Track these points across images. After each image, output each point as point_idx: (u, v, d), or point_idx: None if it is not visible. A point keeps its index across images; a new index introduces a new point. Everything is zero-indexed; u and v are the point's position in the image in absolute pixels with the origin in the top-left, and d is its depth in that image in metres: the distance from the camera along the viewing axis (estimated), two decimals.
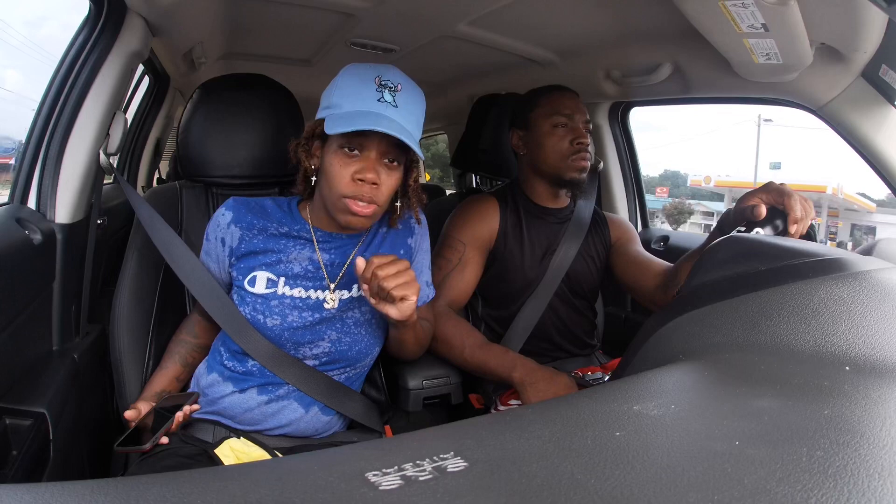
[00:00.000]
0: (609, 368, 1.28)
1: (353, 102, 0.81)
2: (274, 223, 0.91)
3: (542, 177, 1.26)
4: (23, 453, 0.79)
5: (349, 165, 0.82)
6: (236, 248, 0.90)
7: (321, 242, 0.92)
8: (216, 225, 0.92)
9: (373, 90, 0.81)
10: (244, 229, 0.90)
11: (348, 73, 0.85)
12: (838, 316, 0.48)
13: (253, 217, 0.91)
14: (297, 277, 0.89)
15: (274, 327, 0.88)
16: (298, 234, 0.92)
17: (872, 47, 1.03)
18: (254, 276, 0.89)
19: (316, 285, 0.90)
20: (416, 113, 0.85)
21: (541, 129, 1.22)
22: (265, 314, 0.88)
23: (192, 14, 1.34)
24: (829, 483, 0.29)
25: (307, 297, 0.89)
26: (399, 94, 0.82)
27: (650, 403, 0.40)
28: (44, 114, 1.01)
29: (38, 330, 0.95)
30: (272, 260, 0.90)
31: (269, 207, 0.93)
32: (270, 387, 0.89)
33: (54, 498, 0.27)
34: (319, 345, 0.90)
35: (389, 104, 0.81)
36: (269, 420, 0.90)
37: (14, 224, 0.89)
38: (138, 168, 2.43)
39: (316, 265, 0.91)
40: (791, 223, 0.81)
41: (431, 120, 3.11)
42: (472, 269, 1.23)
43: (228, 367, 0.90)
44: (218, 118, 1.08)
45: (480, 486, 0.30)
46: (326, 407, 0.92)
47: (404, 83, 0.84)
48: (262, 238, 0.90)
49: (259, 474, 0.33)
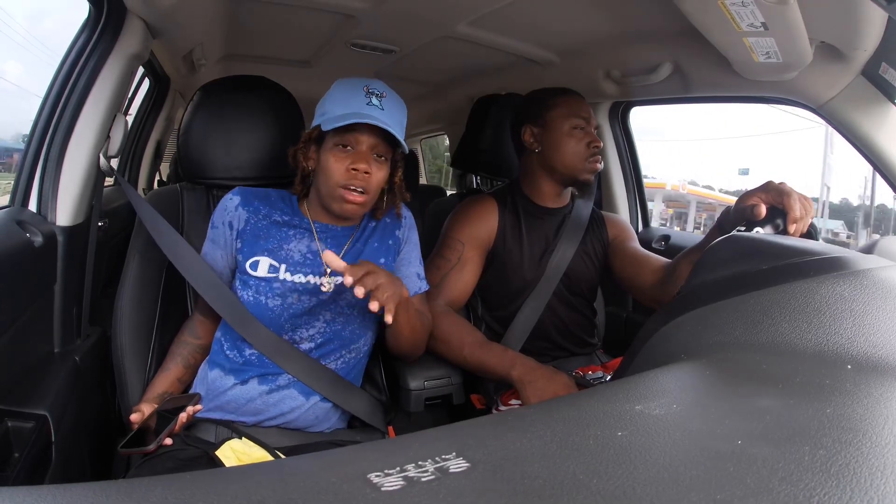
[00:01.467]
0: (610, 368, 1.28)
1: (344, 107, 0.92)
2: (277, 211, 1.00)
3: (553, 175, 1.26)
4: (24, 455, 0.79)
5: (344, 160, 0.92)
6: (242, 230, 0.98)
7: (319, 233, 1.00)
8: (223, 209, 0.99)
9: (362, 96, 0.92)
10: (251, 213, 0.98)
11: (339, 85, 0.96)
12: (840, 314, 0.48)
13: (259, 203, 0.99)
14: (298, 265, 0.97)
15: (275, 307, 0.95)
16: (299, 225, 1.00)
17: (872, 45, 1.03)
18: (256, 261, 0.96)
19: (315, 271, 0.97)
20: (399, 117, 0.96)
21: (560, 129, 1.23)
22: (267, 295, 0.95)
23: (192, 16, 1.34)
24: (832, 482, 0.29)
25: (307, 283, 0.96)
26: (385, 100, 0.94)
27: (652, 403, 0.40)
28: (44, 116, 1.01)
29: (40, 332, 0.96)
30: (274, 246, 0.97)
31: (273, 196, 1.02)
32: (270, 376, 0.93)
33: (56, 500, 0.27)
34: (315, 325, 0.97)
35: (377, 107, 0.92)
36: (270, 409, 0.93)
37: (15, 227, 0.89)
38: (139, 170, 2.43)
39: (315, 253, 0.98)
40: (791, 222, 0.81)
41: (431, 120, 3.13)
42: (471, 268, 1.23)
43: (230, 356, 0.94)
44: (218, 120, 1.08)
45: (483, 486, 0.30)
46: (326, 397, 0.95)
47: (389, 93, 0.95)
48: (266, 224, 0.98)
49: (261, 475, 0.33)
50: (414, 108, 2.90)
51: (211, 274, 0.97)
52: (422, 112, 2.81)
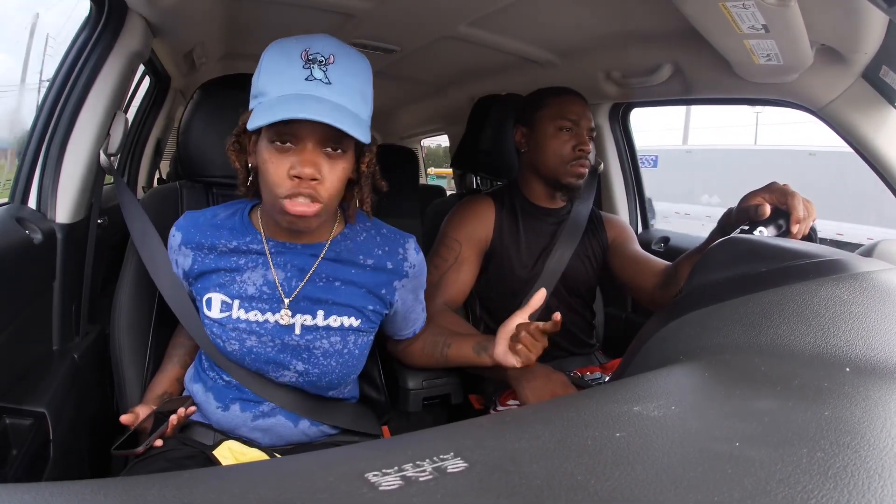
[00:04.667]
0: (609, 369, 1.28)
1: (279, 86, 0.70)
2: (223, 239, 0.83)
3: (539, 177, 1.26)
4: (23, 453, 0.79)
5: (283, 161, 0.71)
6: (189, 269, 0.84)
7: (275, 255, 0.83)
8: (169, 247, 0.87)
9: (299, 68, 0.70)
10: (194, 250, 0.84)
11: (272, 51, 0.73)
12: (839, 317, 0.48)
13: (201, 236, 0.84)
14: (252, 300, 0.81)
15: (234, 352, 0.82)
16: (249, 247, 0.83)
17: (873, 48, 1.03)
18: (209, 299, 0.83)
19: (273, 307, 0.81)
20: (357, 86, 0.73)
21: (545, 130, 1.22)
22: (223, 339, 0.82)
23: (193, 15, 1.34)
24: (830, 484, 0.29)
25: (265, 322, 0.81)
26: (332, 68, 0.70)
27: (650, 404, 0.40)
28: (44, 114, 1.01)
29: (39, 330, 0.95)
30: (225, 280, 0.82)
31: (221, 220, 0.85)
32: (252, 403, 0.85)
33: (54, 497, 0.27)
34: (285, 374, 0.84)
35: (321, 82, 0.70)
36: (261, 438, 0.87)
37: (14, 224, 0.89)
38: (139, 168, 2.43)
39: (272, 286, 0.82)
40: (794, 223, 0.82)
41: (431, 120, 3.13)
42: (469, 268, 1.23)
43: (210, 376, 0.88)
44: (218, 119, 1.08)
45: (480, 486, 0.30)
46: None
47: (338, 52, 0.71)
48: (214, 256, 0.83)
49: (259, 474, 0.33)
50: (414, 108, 2.90)
51: (185, 299, 0.87)
52: (422, 112, 2.81)
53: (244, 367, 0.84)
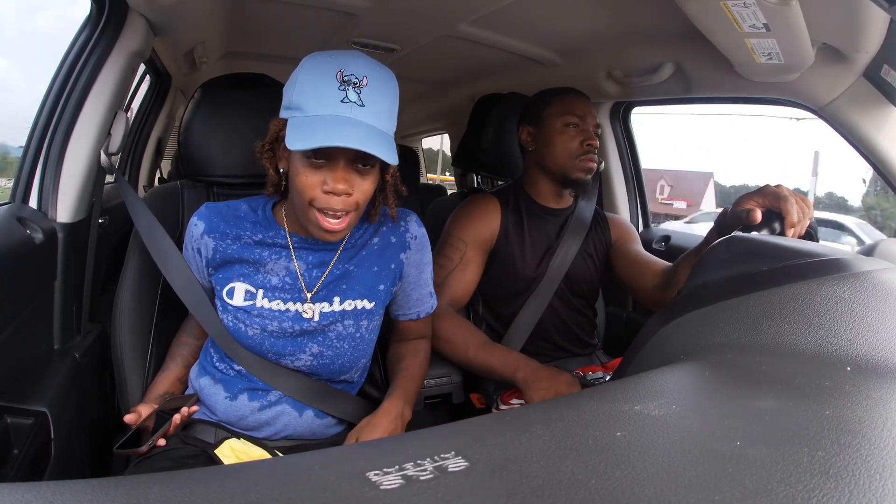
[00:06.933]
0: (610, 368, 1.28)
1: (314, 105, 0.74)
2: (248, 231, 0.88)
3: (548, 175, 1.26)
4: (24, 452, 0.79)
5: (316, 175, 0.76)
6: (212, 258, 0.88)
7: (298, 249, 0.88)
8: (190, 236, 0.89)
9: (335, 89, 0.74)
10: (217, 239, 0.87)
11: (307, 67, 0.77)
12: (839, 316, 0.48)
13: (226, 226, 0.87)
14: (276, 290, 0.87)
15: (255, 336, 0.86)
16: (273, 241, 0.88)
17: (874, 47, 1.03)
18: (232, 288, 0.87)
19: (295, 297, 0.87)
20: (386, 104, 0.78)
21: (552, 127, 1.23)
22: (245, 323, 0.86)
23: (194, 14, 1.34)
24: (831, 484, 0.29)
25: (286, 310, 0.86)
26: (365, 90, 0.74)
27: (651, 403, 0.40)
28: (45, 113, 1.01)
29: (40, 329, 0.96)
30: (249, 271, 0.87)
31: (244, 212, 0.89)
32: (260, 392, 0.88)
33: (55, 497, 0.27)
34: (300, 357, 0.88)
35: (355, 104, 0.74)
36: (265, 428, 0.89)
37: (15, 223, 0.89)
38: (140, 167, 2.43)
39: (294, 276, 0.87)
40: (788, 227, 0.80)
41: (432, 119, 3.13)
42: (474, 268, 1.23)
43: (219, 368, 0.90)
44: (219, 118, 1.08)
45: (481, 485, 0.30)
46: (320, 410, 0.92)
47: (370, 74, 0.76)
48: (238, 246, 0.87)
49: (260, 473, 0.33)
50: (415, 107, 2.90)
51: (198, 289, 0.91)
52: (423, 111, 2.80)
53: (261, 352, 0.87)
